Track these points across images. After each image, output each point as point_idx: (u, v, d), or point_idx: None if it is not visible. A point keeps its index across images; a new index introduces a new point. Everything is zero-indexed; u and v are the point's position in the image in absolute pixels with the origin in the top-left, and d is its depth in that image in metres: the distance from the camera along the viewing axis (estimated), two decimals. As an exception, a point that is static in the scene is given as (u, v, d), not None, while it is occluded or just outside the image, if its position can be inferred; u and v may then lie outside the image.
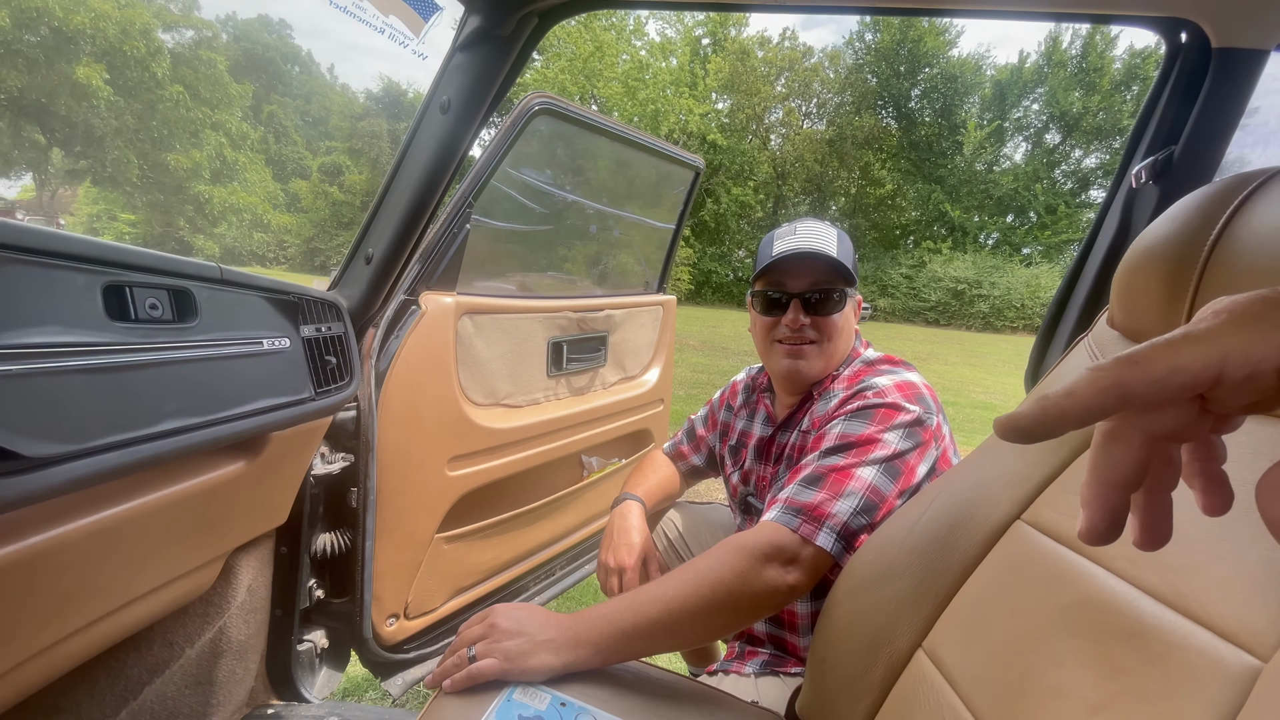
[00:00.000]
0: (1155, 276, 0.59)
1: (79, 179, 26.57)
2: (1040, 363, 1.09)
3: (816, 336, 1.00)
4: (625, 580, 1.07)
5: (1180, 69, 0.92)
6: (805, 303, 0.99)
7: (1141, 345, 0.26)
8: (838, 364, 1.03)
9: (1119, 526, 0.28)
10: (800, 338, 1.00)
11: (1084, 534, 0.29)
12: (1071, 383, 0.27)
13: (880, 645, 0.73)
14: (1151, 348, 0.26)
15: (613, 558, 1.10)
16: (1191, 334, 0.26)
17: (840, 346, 1.02)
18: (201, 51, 25.60)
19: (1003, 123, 24.02)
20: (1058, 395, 0.26)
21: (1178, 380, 0.25)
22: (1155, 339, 0.26)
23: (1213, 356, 0.25)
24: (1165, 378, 0.25)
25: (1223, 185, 0.55)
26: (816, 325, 1.00)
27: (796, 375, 1.02)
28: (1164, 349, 0.26)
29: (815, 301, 0.99)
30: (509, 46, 0.92)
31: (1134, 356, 0.26)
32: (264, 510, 0.96)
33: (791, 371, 1.02)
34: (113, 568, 0.71)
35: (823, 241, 1.00)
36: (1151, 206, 0.94)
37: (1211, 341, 0.25)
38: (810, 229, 1.03)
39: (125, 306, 0.62)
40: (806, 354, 1.00)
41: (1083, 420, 0.26)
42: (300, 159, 33.81)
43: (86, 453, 0.56)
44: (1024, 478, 0.67)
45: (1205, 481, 0.30)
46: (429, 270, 1.18)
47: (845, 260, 0.99)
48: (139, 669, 0.96)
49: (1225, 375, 0.25)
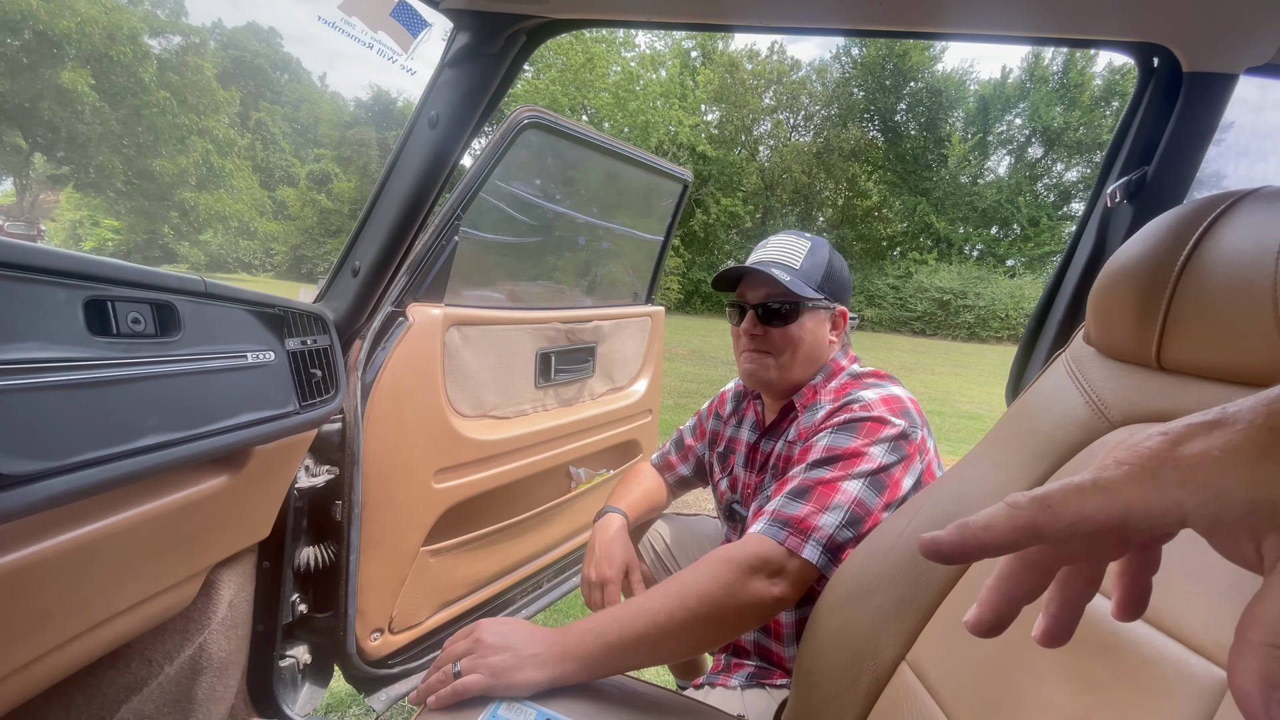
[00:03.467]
0: (1128, 296, 0.60)
1: (61, 184, 26.23)
2: (1021, 376, 1.11)
3: (769, 348, 1.03)
4: (608, 593, 1.07)
5: (1153, 92, 0.95)
6: (761, 313, 1.03)
7: (1054, 488, 0.27)
8: (801, 375, 1.05)
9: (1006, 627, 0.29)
10: (756, 346, 1.04)
11: (971, 626, 0.29)
12: (990, 515, 0.27)
13: (865, 658, 0.73)
14: (1063, 493, 0.26)
15: (595, 571, 1.10)
16: (1099, 483, 0.26)
17: (800, 358, 1.03)
18: (189, 57, 25.43)
19: (986, 136, 24.42)
20: (977, 526, 0.27)
21: (1085, 528, 0.26)
22: (1067, 482, 0.27)
23: (1116, 509, 0.25)
24: (1074, 524, 0.26)
25: (1193, 207, 0.57)
26: (770, 336, 1.03)
27: (752, 379, 1.07)
28: (1074, 496, 0.26)
29: (768, 314, 1.02)
30: (497, 63, 0.93)
31: (1047, 499, 0.26)
32: (246, 525, 0.95)
33: (748, 375, 1.07)
34: (91, 584, 0.70)
35: (787, 256, 1.04)
36: (1126, 225, 0.96)
37: (1115, 494, 0.25)
38: (781, 243, 1.07)
39: (107, 321, 0.62)
40: (762, 361, 1.04)
41: (998, 552, 0.27)
42: (288, 166, 33.63)
43: (65, 469, 0.56)
44: (1004, 491, 0.68)
45: (1123, 591, 0.30)
46: (416, 282, 1.18)
47: (813, 273, 1.02)
48: (116, 687, 0.94)
49: (1130, 525, 0.25)
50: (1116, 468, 0.26)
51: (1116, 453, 0.27)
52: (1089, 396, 0.65)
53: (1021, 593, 0.28)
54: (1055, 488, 0.27)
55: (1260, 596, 0.22)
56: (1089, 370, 0.67)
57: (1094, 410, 0.64)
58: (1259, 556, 0.23)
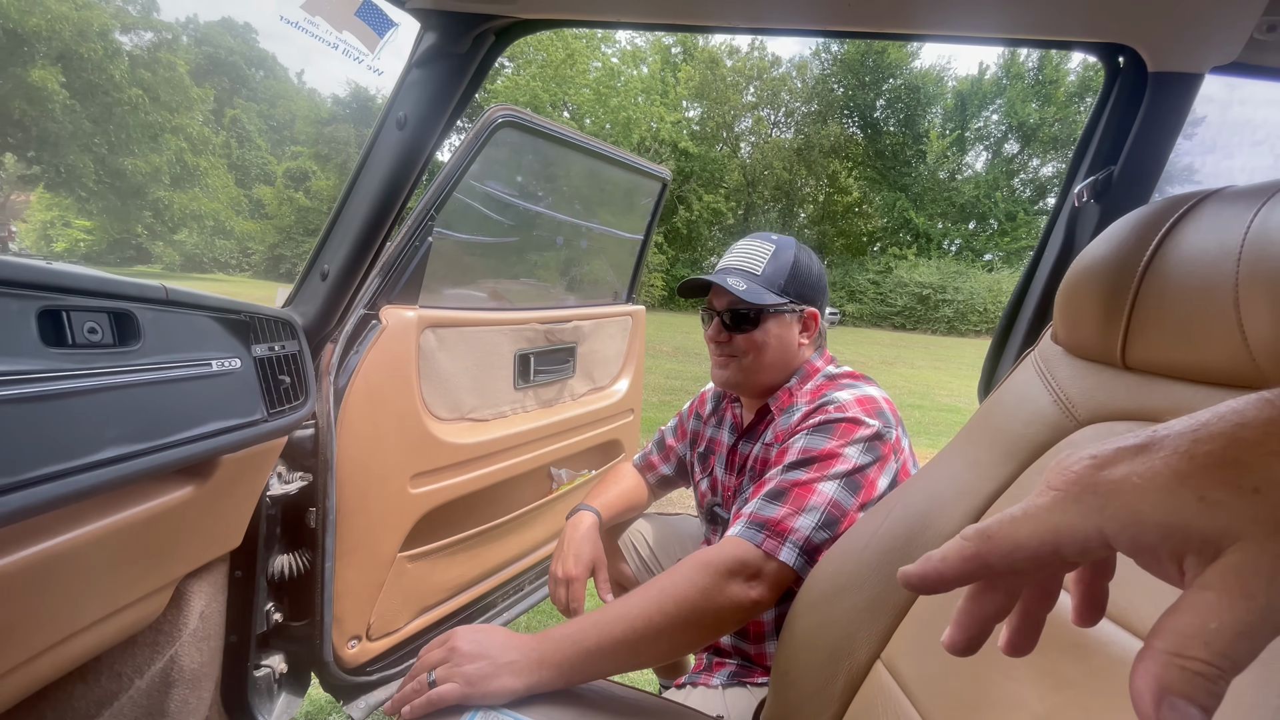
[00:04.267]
0: (1093, 295, 0.61)
1: (32, 185, 25.55)
2: (992, 374, 1.12)
3: (735, 352, 1.05)
4: (572, 591, 1.07)
5: (1119, 92, 0.96)
6: (727, 320, 1.05)
7: (993, 519, 0.28)
8: (771, 378, 1.06)
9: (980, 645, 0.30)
10: (723, 351, 1.07)
11: (948, 647, 0.30)
12: (946, 549, 0.29)
13: (840, 657, 0.74)
14: (999, 523, 0.27)
15: (561, 568, 1.10)
16: (1028, 512, 0.27)
17: (766, 361, 1.04)
18: (161, 54, 24.84)
19: (964, 132, 24.70)
20: (936, 559, 0.29)
21: (1021, 555, 0.26)
22: (1004, 513, 0.28)
23: (1046, 535, 0.26)
24: (1011, 554, 0.27)
25: (1156, 207, 0.58)
26: (734, 341, 1.05)
27: (721, 381, 1.09)
28: (1008, 525, 0.27)
29: (734, 319, 1.04)
30: (466, 64, 0.91)
31: (986, 530, 0.27)
32: (216, 534, 0.93)
33: (716, 378, 1.10)
34: (54, 600, 0.68)
35: (748, 262, 1.05)
36: (1093, 224, 0.98)
37: (1043, 520, 0.26)
38: (744, 249, 1.08)
39: (62, 332, 0.60)
40: (727, 365, 1.07)
41: (957, 583, 0.28)
42: (265, 164, 33.04)
43: (18, 485, 0.54)
44: (975, 489, 0.69)
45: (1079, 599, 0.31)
46: (390, 284, 1.16)
47: (774, 279, 1.02)
48: (86, 702, 0.92)
49: (1061, 550, 0.26)
50: (1046, 493, 0.27)
51: (1049, 477, 0.27)
52: (1057, 395, 0.66)
53: (987, 614, 0.29)
54: (994, 519, 0.28)
55: (1174, 609, 0.23)
56: (1057, 369, 0.68)
57: (1062, 409, 0.65)
58: (1181, 574, 0.24)
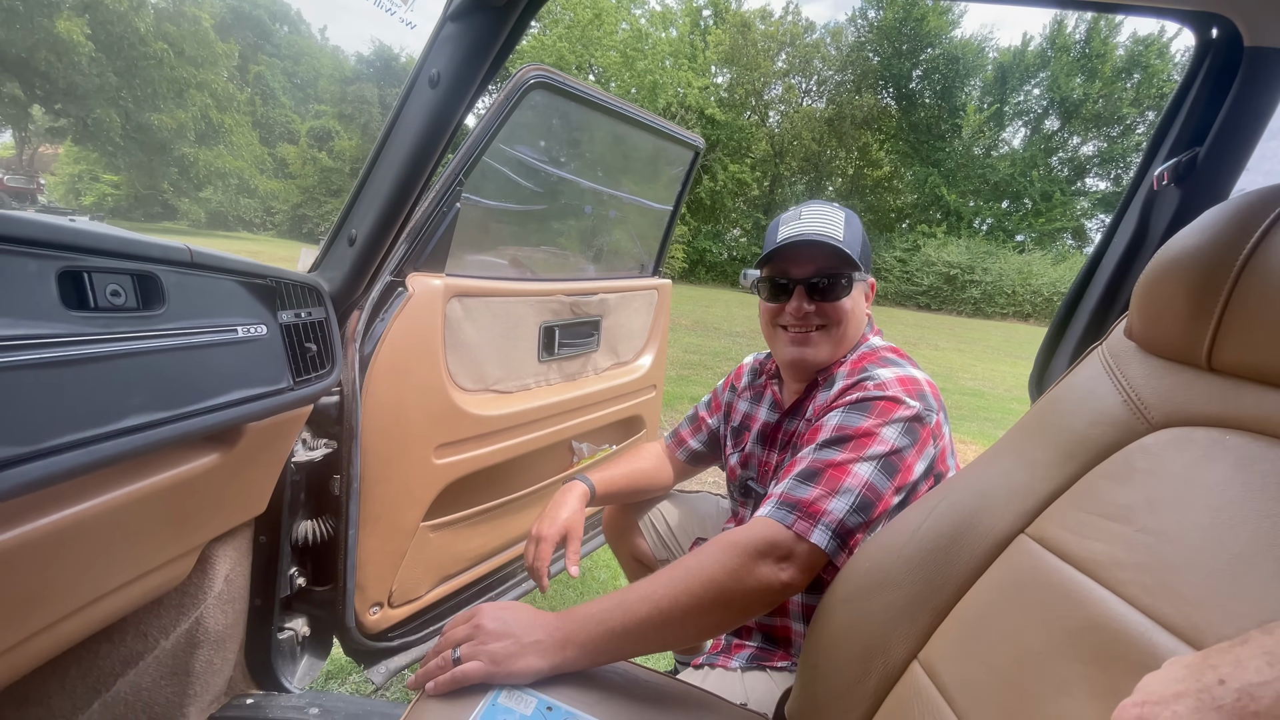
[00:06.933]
0: (1180, 290, 0.56)
1: (60, 137, 25.82)
2: (1046, 368, 1.07)
3: (824, 322, 0.98)
4: (539, 550, 1.07)
5: (1209, 67, 0.88)
6: (810, 289, 0.97)
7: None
8: (847, 349, 1.01)
9: None
10: (805, 325, 0.99)
11: None
12: None
13: (874, 655, 0.71)
14: None
15: (536, 527, 1.10)
16: None
17: (849, 332, 1.00)
18: (186, 7, 24.73)
19: (1002, 107, 23.82)
20: None
21: None
22: None
23: None
24: None
25: (1260, 195, 0.52)
26: (822, 312, 0.98)
27: (802, 363, 1.00)
28: None
29: (821, 288, 0.97)
30: (504, 17, 0.86)
31: None
32: (241, 501, 0.93)
33: (797, 359, 1.00)
34: (78, 566, 0.68)
35: (829, 225, 0.97)
36: (1172, 211, 0.91)
37: None
38: (816, 212, 1.00)
39: (84, 294, 0.58)
40: (813, 340, 0.99)
41: None
42: (288, 122, 33.02)
43: (41, 454, 0.52)
44: (1030, 490, 0.65)
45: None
46: (416, 251, 1.13)
47: (854, 243, 0.97)
48: (112, 660, 0.93)
49: None
50: None
51: None
52: (1127, 394, 0.62)
53: None
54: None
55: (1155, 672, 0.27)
56: (1128, 366, 0.63)
57: (1132, 410, 0.60)
58: None
